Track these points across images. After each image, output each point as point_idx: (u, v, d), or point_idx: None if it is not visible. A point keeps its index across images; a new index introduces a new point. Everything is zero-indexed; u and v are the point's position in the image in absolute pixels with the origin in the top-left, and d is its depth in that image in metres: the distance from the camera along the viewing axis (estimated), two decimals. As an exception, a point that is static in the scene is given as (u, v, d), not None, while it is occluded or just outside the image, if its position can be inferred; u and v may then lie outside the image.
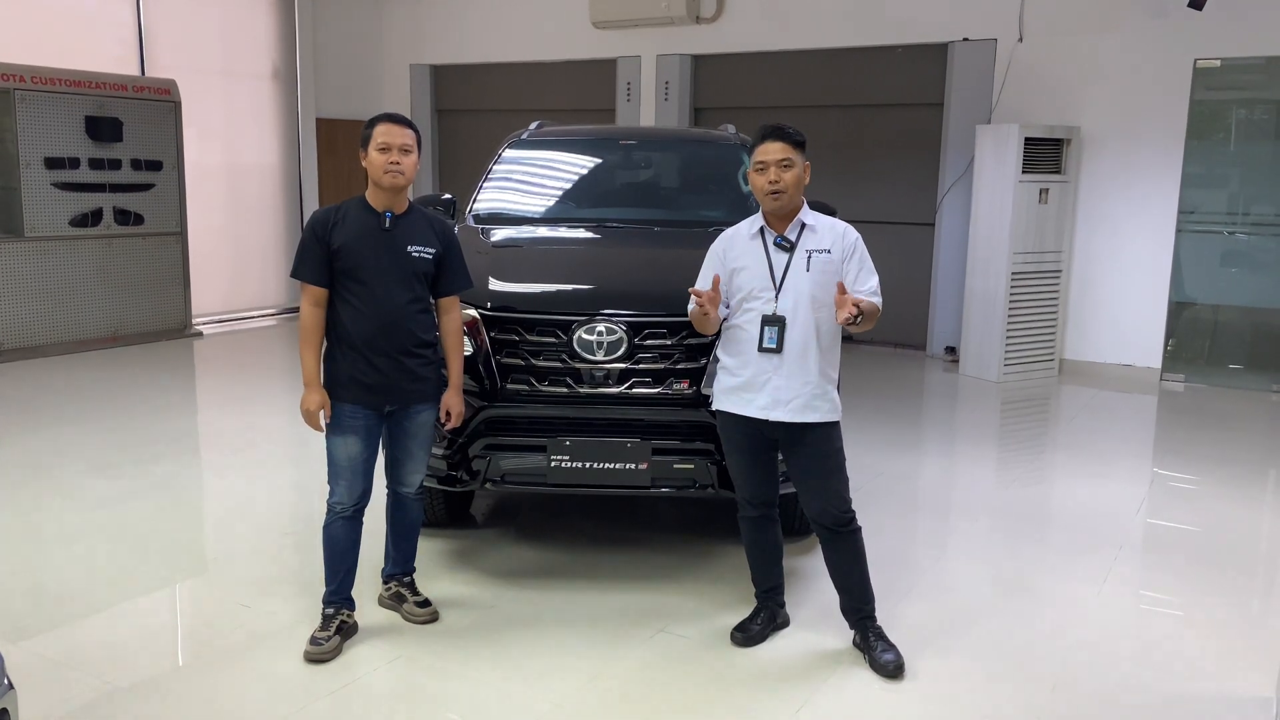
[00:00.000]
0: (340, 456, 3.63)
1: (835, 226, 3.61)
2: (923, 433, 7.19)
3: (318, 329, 3.62)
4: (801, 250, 3.55)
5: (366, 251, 3.56)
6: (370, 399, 3.61)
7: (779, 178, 3.49)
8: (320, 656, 3.59)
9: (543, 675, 3.51)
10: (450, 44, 11.96)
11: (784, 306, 3.51)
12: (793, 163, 3.51)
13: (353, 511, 3.70)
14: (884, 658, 3.56)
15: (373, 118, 3.64)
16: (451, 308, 3.80)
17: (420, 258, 3.63)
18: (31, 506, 5.15)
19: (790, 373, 3.51)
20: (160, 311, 9.62)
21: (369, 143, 3.58)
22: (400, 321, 3.59)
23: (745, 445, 3.66)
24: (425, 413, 3.74)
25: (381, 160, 3.54)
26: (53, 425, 6.62)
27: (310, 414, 3.61)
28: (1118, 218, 8.63)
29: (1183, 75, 8.20)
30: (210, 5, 10.68)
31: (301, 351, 3.62)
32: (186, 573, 4.45)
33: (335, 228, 3.57)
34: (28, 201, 8.54)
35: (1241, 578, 4.58)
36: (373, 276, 3.56)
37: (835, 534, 3.62)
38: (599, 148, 5.94)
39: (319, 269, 3.57)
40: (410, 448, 3.77)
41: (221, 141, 10.93)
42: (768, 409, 3.53)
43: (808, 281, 3.51)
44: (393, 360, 3.59)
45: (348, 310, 3.58)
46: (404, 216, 3.65)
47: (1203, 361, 8.63)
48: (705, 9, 10.24)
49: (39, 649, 3.63)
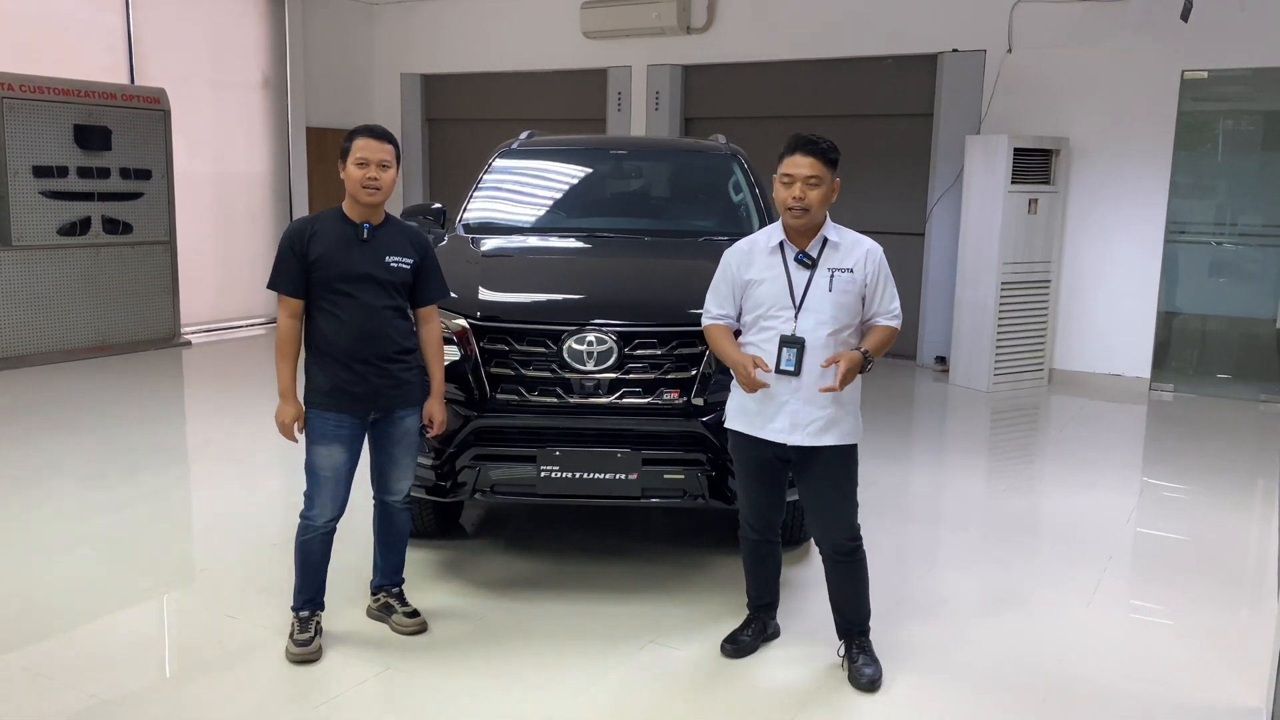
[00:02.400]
0: (324, 466, 3.61)
1: (860, 244, 3.46)
2: (913, 443, 7.19)
3: (294, 341, 3.61)
4: (824, 268, 3.39)
5: (345, 262, 3.54)
6: (355, 407, 3.60)
7: (804, 195, 3.31)
8: (306, 657, 3.59)
9: (532, 687, 3.49)
10: (441, 53, 11.96)
11: (804, 327, 3.36)
12: (821, 181, 3.32)
13: (331, 527, 3.69)
14: (864, 671, 3.52)
15: (352, 130, 3.62)
16: (430, 317, 3.79)
17: (398, 268, 3.62)
18: (18, 516, 5.10)
19: (809, 396, 3.37)
20: (148, 321, 9.58)
21: (347, 156, 3.56)
22: (381, 330, 3.58)
23: (755, 467, 3.57)
24: (410, 418, 3.72)
25: (360, 175, 3.53)
26: (40, 435, 6.57)
27: (285, 426, 3.60)
28: (1106, 228, 8.67)
29: (1170, 86, 8.24)
30: (200, 14, 10.66)
31: (277, 363, 3.60)
32: (174, 583, 4.41)
33: (312, 239, 3.55)
34: (15, 210, 8.49)
35: (1231, 587, 4.59)
36: (352, 287, 3.54)
37: (839, 558, 3.58)
38: (589, 157, 5.94)
39: (295, 281, 3.56)
40: (396, 455, 3.75)
41: (211, 150, 10.90)
42: (784, 433, 3.42)
43: (829, 303, 3.36)
44: (375, 367, 3.58)
45: (328, 320, 3.57)
46: (381, 228, 3.64)
47: (1191, 371, 8.67)
48: (696, 19, 10.27)
49: (25, 661, 3.60)
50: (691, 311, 4.11)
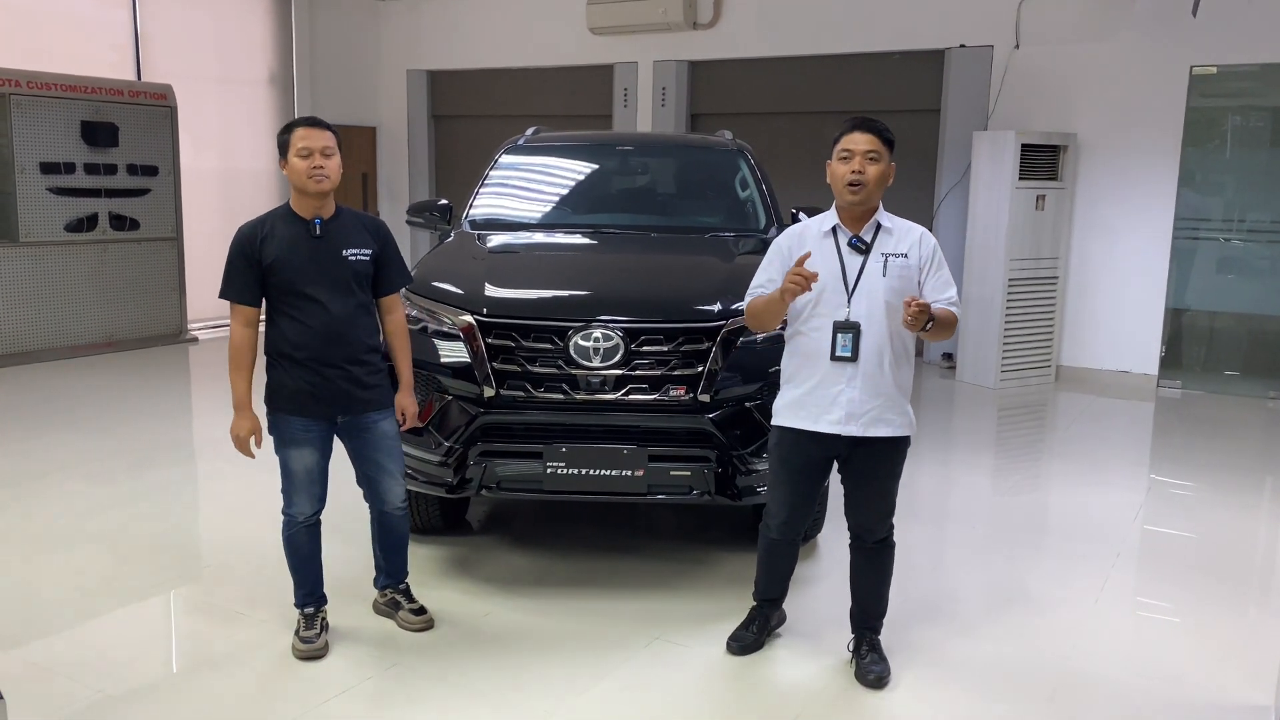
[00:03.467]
0: (297, 469, 3.56)
1: (913, 231, 3.41)
2: (920, 439, 7.14)
3: (249, 350, 3.51)
4: (877, 253, 3.33)
5: (300, 263, 3.44)
6: (320, 410, 3.51)
7: (863, 168, 3.27)
8: (312, 653, 3.59)
9: (538, 683, 3.49)
10: (447, 49, 11.95)
11: (858, 312, 3.29)
12: (880, 157, 3.30)
13: (314, 520, 3.66)
14: (871, 669, 3.52)
15: (288, 123, 3.51)
16: (394, 307, 3.70)
17: (357, 260, 3.52)
18: (25, 512, 5.12)
19: (865, 384, 3.30)
20: (155, 317, 9.60)
21: (288, 149, 3.44)
22: (345, 331, 3.48)
23: (800, 465, 3.49)
24: (384, 422, 3.65)
25: (304, 166, 3.42)
26: (47, 431, 6.59)
27: (241, 440, 3.53)
28: (1114, 224, 8.64)
29: (1179, 82, 8.21)
30: (207, 11, 10.67)
31: (231, 375, 3.52)
32: (181, 579, 4.42)
33: (264, 242, 3.45)
34: (23, 206, 8.51)
35: (1239, 585, 4.57)
36: (311, 287, 3.44)
37: (868, 547, 3.57)
38: (596, 153, 5.93)
39: (249, 288, 3.48)
40: (380, 461, 3.68)
41: (217, 147, 10.92)
42: (841, 423, 3.33)
43: (883, 287, 3.29)
44: (341, 370, 3.49)
45: (290, 324, 3.47)
46: (333, 220, 3.53)
47: (1199, 368, 8.63)
48: (702, 15, 10.25)
49: (30, 656, 3.61)
50: (698, 308, 4.12)
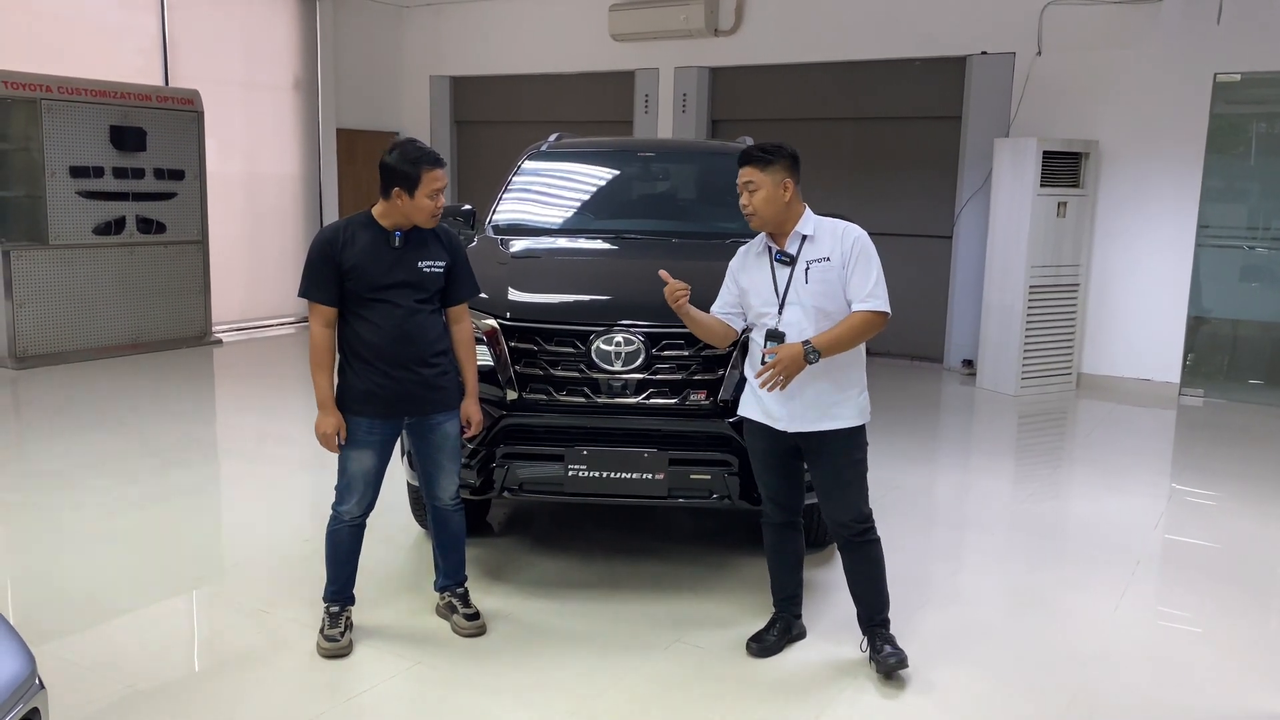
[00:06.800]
0: (355, 470, 3.66)
1: (835, 229, 3.56)
2: (939, 446, 7.17)
3: (329, 349, 3.62)
4: (802, 262, 3.54)
5: (379, 270, 3.56)
6: (388, 412, 3.63)
7: (748, 200, 3.54)
8: (337, 652, 3.65)
9: (558, 685, 3.52)
10: (470, 55, 12.04)
11: (787, 321, 3.51)
12: (758, 185, 3.51)
13: (361, 520, 3.75)
14: (888, 659, 3.57)
15: (414, 157, 3.54)
16: (462, 316, 3.82)
17: (432, 273, 3.65)
18: (55, 511, 5.20)
19: (800, 385, 3.49)
20: (181, 319, 9.72)
21: (413, 184, 3.52)
22: (415, 334, 3.61)
23: (768, 452, 3.67)
24: (448, 423, 3.76)
25: (431, 206, 3.56)
26: (75, 431, 6.69)
27: (327, 437, 3.61)
28: (1136, 231, 8.61)
29: (1202, 89, 8.17)
30: (233, 17, 10.80)
31: (313, 373, 3.62)
32: (207, 578, 4.49)
33: (345, 248, 3.56)
34: (52, 210, 8.64)
35: (1260, 595, 4.56)
36: (387, 294, 3.57)
37: (852, 543, 3.64)
38: (617, 159, 5.98)
39: (330, 289, 3.57)
40: (439, 460, 3.78)
41: (243, 151, 11.04)
42: (784, 421, 3.55)
43: (808, 293, 3.50)
44: (410, 372, 3.61)
45: (364, 326, 3.59)
46: (412, 232, 3.65)
47: (1222, 376, 8.59)
48: (724, 21, 10.28)
49: (62, 651, 3.67)
50: (719, 314, 4.15)
